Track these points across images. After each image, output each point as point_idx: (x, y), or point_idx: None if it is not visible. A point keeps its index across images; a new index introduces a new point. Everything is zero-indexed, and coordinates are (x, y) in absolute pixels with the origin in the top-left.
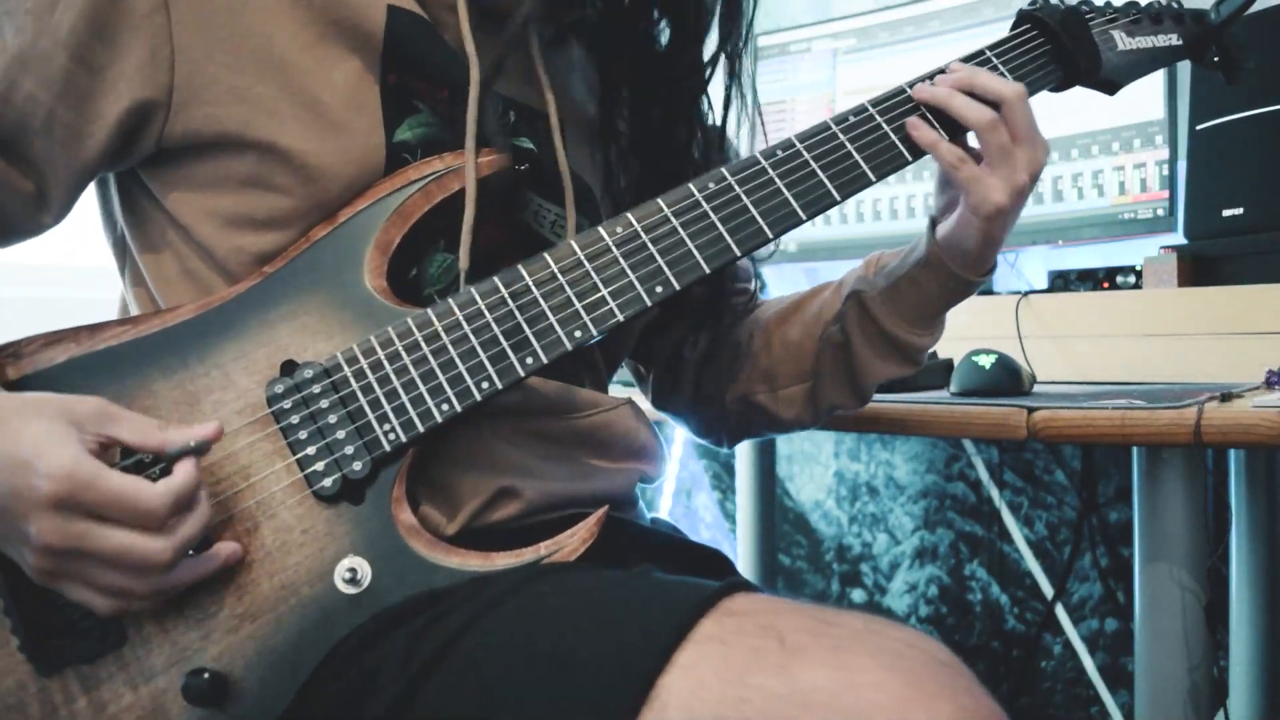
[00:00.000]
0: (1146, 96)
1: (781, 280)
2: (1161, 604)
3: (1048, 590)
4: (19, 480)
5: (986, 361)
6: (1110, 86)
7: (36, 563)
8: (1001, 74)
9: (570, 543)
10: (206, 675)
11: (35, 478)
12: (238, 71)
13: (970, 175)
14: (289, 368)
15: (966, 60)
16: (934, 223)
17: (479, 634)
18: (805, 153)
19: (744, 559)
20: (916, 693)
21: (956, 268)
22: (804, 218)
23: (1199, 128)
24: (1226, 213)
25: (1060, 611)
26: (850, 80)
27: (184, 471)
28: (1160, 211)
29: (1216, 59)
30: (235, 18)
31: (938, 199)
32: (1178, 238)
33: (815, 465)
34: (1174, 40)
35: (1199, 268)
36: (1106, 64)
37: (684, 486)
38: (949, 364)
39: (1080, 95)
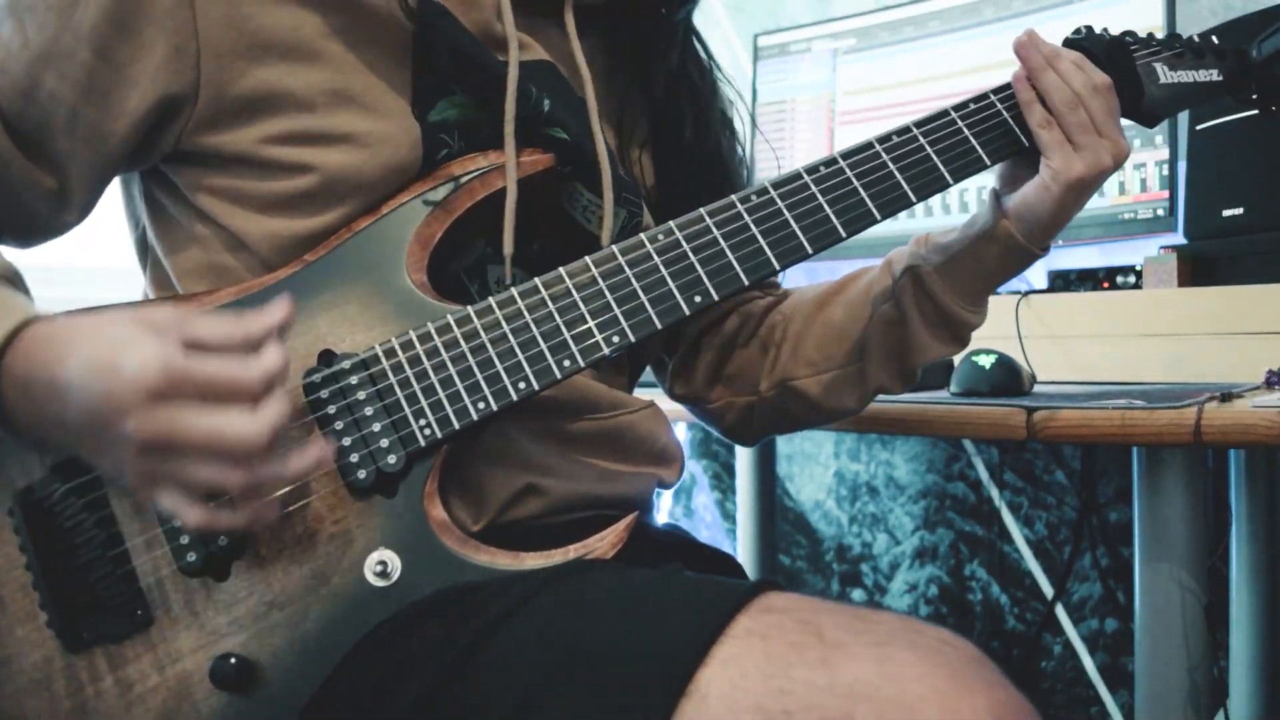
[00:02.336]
0: None
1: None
2: (1161, 604)
3: (1048, 590)
4: (110, 382)
5: (986, 361)
6: (1150, 119)
7: (134, 464)
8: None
9: (600, 546)
10: (233, 660)
11: (127, 374)
12: (266, 65)
13: (1055, 139)
14: (327, 358)
15: (1009, 86)
16: (997, 195)
17: (513, 627)
18: (848, 170)
19: (744, 559)
20: (956, 686)
21: (1022, 238)
22: (844, 235)
23: (1199, 128)
24: (1226, 213)
25: (1060, 611)
26: (850, 80)
27: (274, 350)
28: (1160, 211)
29: (1255, 96)
30: (262, 8)
31: (1003, 171)
32: (1178, 238)
33: (815, 465)
34: (1214, 75)
35: (1199, 268)
36: (1148, 96)
37: (684, 486)
38: (949, 364)
39: None
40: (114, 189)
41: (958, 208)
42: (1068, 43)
